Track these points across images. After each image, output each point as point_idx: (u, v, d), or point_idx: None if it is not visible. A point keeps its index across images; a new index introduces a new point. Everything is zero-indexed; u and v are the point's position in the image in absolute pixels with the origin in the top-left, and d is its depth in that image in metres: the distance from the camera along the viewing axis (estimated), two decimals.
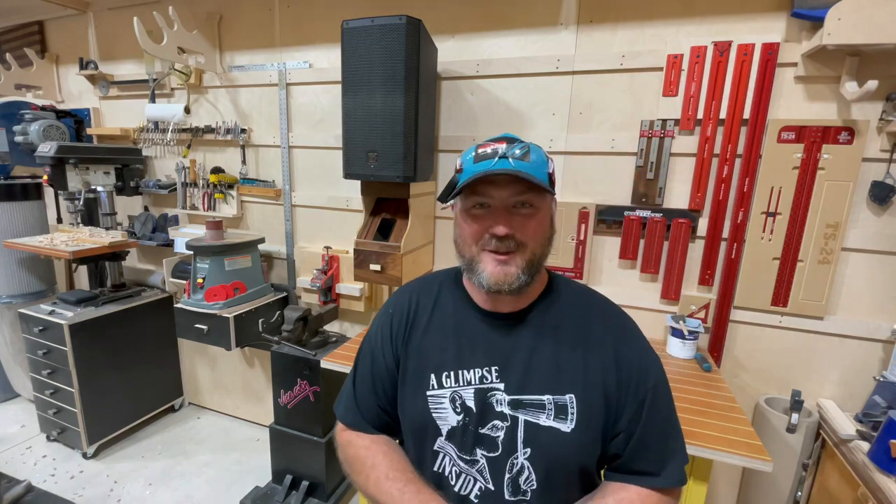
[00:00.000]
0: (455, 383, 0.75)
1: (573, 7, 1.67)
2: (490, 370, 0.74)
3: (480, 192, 0.72)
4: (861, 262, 1.51)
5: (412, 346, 0.80)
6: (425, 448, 0.77)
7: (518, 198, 0.71)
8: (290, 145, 2.22)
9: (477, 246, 0.73)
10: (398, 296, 0.88)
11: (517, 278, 0.71)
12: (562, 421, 0.70)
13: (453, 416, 0.74)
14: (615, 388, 0.71)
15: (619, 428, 0.72)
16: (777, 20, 1.47)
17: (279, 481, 2.07)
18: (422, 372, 0.78)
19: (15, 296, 2.54)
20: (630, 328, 0.78)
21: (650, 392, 0.72)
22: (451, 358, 0.76)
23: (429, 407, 0.76)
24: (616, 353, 0.73)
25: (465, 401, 0.74)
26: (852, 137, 1.43)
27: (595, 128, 1.72)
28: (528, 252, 0.72)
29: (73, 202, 2.33)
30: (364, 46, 1.50)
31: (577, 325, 0.76)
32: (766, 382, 1.67)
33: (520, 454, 0.71)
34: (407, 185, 1.66)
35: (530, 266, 0.72)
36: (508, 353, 0.74)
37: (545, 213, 0.74)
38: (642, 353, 0.75)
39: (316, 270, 2.17)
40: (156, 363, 2.59)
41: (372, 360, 0.84)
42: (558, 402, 0.70)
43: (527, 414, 0.71)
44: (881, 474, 1.19)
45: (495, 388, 0.73)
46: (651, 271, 1.72)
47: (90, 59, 2.59)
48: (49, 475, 2.18)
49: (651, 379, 0.73)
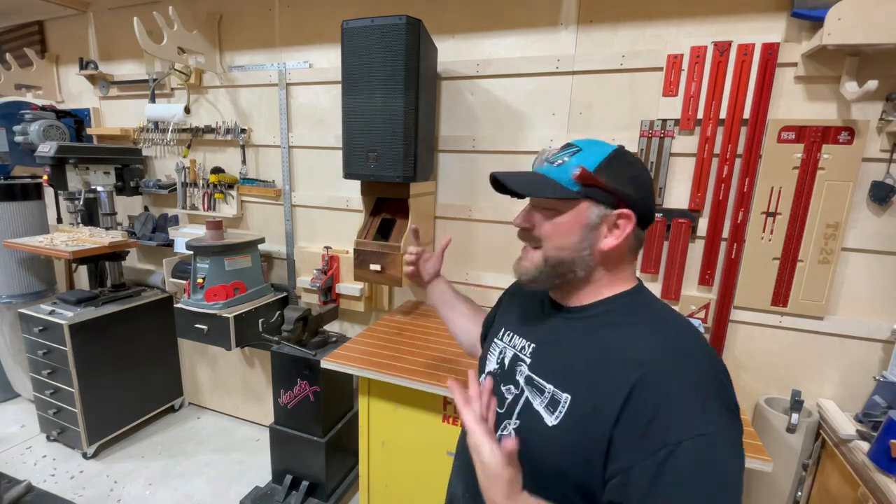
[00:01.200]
0: (507, 342, 0.84)
1: (573, 7, 1.67)
2: (529, 345, 0.80)
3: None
4: (861, 262, 1.51)
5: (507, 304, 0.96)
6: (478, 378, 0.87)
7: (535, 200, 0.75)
8: (290, 145, 2.22)
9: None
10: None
11: (528, 272, 0.74)
12: (549, 413, 0.68)
13: (494, 363, 0.84)
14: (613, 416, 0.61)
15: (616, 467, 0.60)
16: (777, 20, 1.47)
17: (279, 481, 2.07)
18: (499, 323, 0.92)
19: (15, 296, 2.54)
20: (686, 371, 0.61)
21: (670, 447, 0.55)
22: (515, 322, 0.87)
23: (489, 348, 0.88)
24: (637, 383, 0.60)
25: (504, 357, 0.83)
26: (852, 137, 1.43)
27: (595, 128, 1.72)
28: (541, 250, 0.73)
29: (73, 202, 2.33)
30: (364, 46, 1.50)
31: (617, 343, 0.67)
32: (766, 382, 1.67)
33: (512, 421, 0.74)
34: (407, 185, 1.66)
35: (543, 264, 0.72)
36: (545, 337, 0.79)
37: (571, 218, 0.70)
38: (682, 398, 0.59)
39: (316, 270, 2.17)
40: (156, 363, 2.59)
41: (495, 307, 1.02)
42: (555, 396, 0.69)
43: (529, 392, 0.74)
44: (881, 474, 1.19)
45: (524, 360, 0.78)
46: (651, 271, 1.72)
47: (90, 59, 2.59)
48: (49, 475, 2.18)
49: (678, 434, 0.56)
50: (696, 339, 0.67)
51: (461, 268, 2.02)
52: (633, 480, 0.57)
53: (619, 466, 0.59)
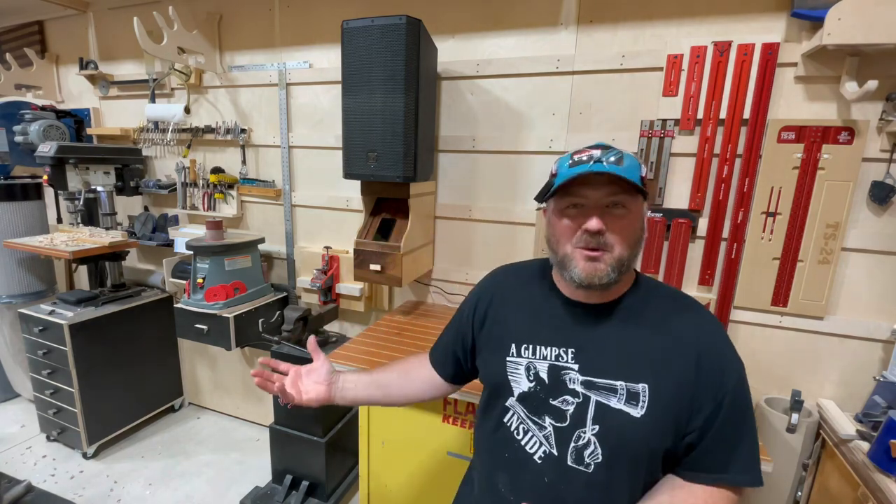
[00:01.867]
0: (532, 356, 0.83)
1: (573, 7, 1.67)
2: (567, 351, 0.80)
3: (575, 192, 0.75)
4: (861, 262, 1.51)
5: (499, 315, 0.91)
6: (497, 402, 0.86)
7: (611, 198, 0.74)
8: (290, 145, 2.22)
9: (570, 244, 0.77)
10: (492, 275, 1.00)
11: (607, 275, 0.75)
12: (633, 406, 0.74)
13: (525, 383, 0.82)
14: (693, 385, 0.74)
15: (694, 425, 0.74)
16: (777, 20, 1.47)
17: (279, 481, 2.07)
18: (504, 339, 0.87)
19: (15, 296, 2.54)
20: (715, 328, 0.79)
21: (729, 394, 0.73)
22: (531, 333, 0.85)
23: (506, 370, 0.85)
24: (697, 350, 0.75)
25: (538, 372, 0.82)
26: (852, 137, 1.43)
27: (595, 128, 1.72)
28: (617, 250, 0.75)
29: (73, 202, 2.33)
30: (364, 46, 1.50)
31: (661, 318, 0.79)
32: (766, 382, 1.67)
33: (588, 429, 0.76)
34: (407, 185, 1.66)
35: (620, 264, 0.75)
36: (586, 339, 0.80)
37: (636, 214, 0.77)
38: (725, 353, 0.77)
39: (316, 270, 2.17)
40: (156, 363, 2.60)
41: (459, 321, 1.00)
42: (631, 389, 0.75)
43: (598, 395, 0.76)
44: (881, 474, 1.19)
45: (569, 368, 0.79)
46: (651, 271, 1.72)
47: (90, 59, 2.59)
48: (49, 475, 2.18)
49: (731, 381, 0.74)
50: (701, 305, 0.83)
51: (461, 268, 2.02)
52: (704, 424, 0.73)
53: (697, 423, 0.74)
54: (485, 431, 0.90)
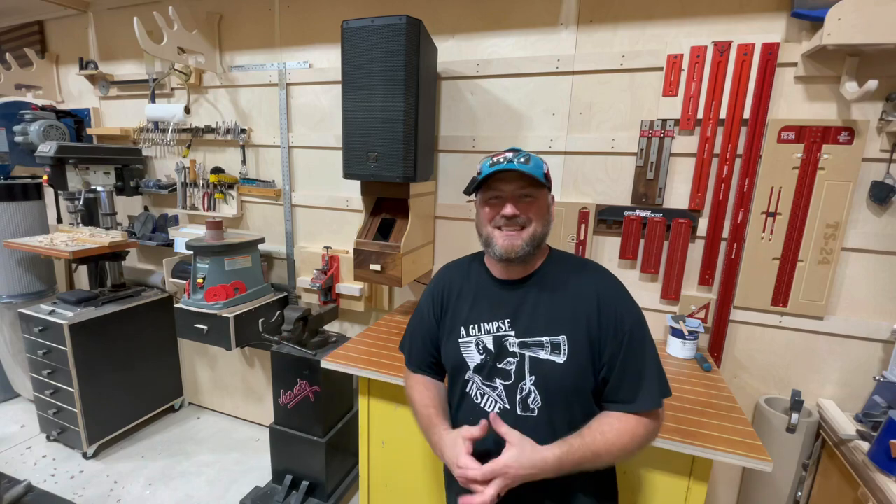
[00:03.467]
0: (479, 333, 1.00)
1: (573, 7, 1.67)
2: (504, 322, 0.97)
3: (494, 187, 0.95)
4: (861, 262, 1.51)
5: (449, 308, 1.07)
6: (459, 378, 1.02)
7: (522, 190, 0.94)
8: (290, 145, 2.22)
9: (491, 226, 0.96)
10: (440, 274, 1.15)
11: (522, 248, 0.93)
12: (556, 354, 0.92)
13: (477, 356, 0.99)
14: (597, 329, 0.92)
15: (603, 362, 0.92)
16: (777, 20, 1.47)
17: (279, 481, 2.07)
18: (455, 326, 1.03)
19: (15, 296, 2.54)
20: (612, 283, 0.98)
21: (627, 334, 0.91)
22: (475, 315, 1.01)
23: (460, 350, 1.01)
24: (598, 302, 0.93)
25: (486, 344, 0.98)
26: (852, 137, 1.43)
27: (595, 128, 1.72)
28: (530, 228, 0.94)
29: (73, 202, 2.33)
30: (364, 46, 1.50)
31: (569, 282, 0.97)
32: (766, 382, 1.67)
33: (527, 381, 0.93)
34: (407, 185, 1.66)
35: (532, 239, 0.94)
36: (517, 308, 0.98)
37: (543, 201, 0.97)
38: (621, 301, 0.95)
39: (316, 270, 2.17)
40: (156, 363, 2.59)
41: (421, 323, 1.13)
42: (553, 342, 0.93)
43: (530, 351, 0.94)
44: (881, 474, 1.19)
45: (508, 335, 0.96)
46: (651, 271, 1.72)
47: (90, 59, 2.59)
48: (49, 475, 2.18)
49: (628, 322, 0.92)
50: (600, 265, 1.03)
51: None
52: (610, 361, 0.91)
53: (605, 360, 0.92)
54: (452, 407, 1.06)
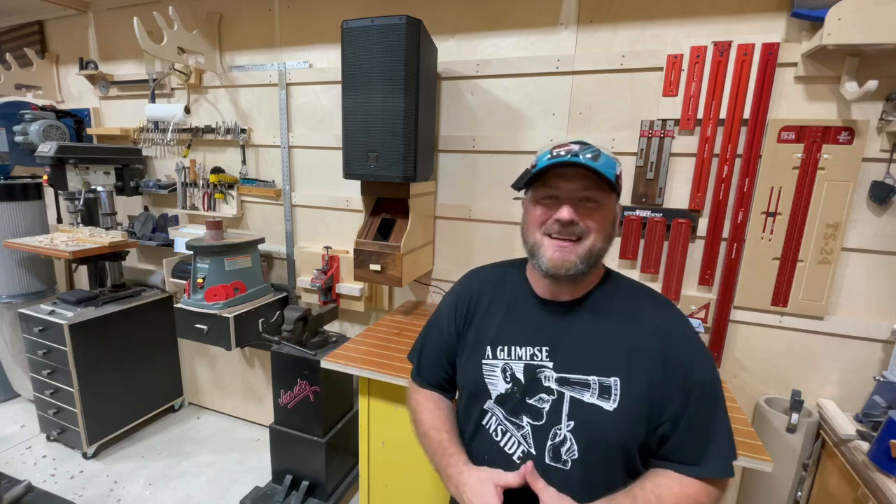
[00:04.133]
0: (507, 356, 0.83)
1: (573, 7, 1.67)
2: (541, 349, 0.81)
3: (550, 184, 0.78)
4: (861, 262, 1.51)
5: (475, 320, 0.91)
6: (475, 405, 0.86)
7: (585, 192, 0.77)
8: (290, 145, 2.22)
9: (540, 231, 0.80)
10: (466, 279, 1.00)
11: (575, 265, 0.77)
12: (605, 400, 0.75)
13: (502, 384, 0.83)
14: (661, 376, 0.75)
15: (665, 416, 0.75)
16: (777, 20, 1.47)
17: (279, 481, 2.07)
18: (480, 343, 0.87)
19: (15, 296, 2.54)
20: (682, 321, 0.82)
21: (697, 385, 0.75)
22: (505, 335, 0.85)
23: (482, 373, 0.85)
24: (665, 342, 0.77)
25: (514, 372, 0.82)
26: (852, 137, 1.43)
27: (595, 128, 1.72)
28: (588, 241, 0.77)
29: (73, 202, 2.33)
30: (364, 46, 1.50)
31: (628, 314, 0.81)
32: (766, 382, 1.67)
33: (563, 425, 0.77)
34: (407, 185, 1.66)
35: (589, 256, 0.77)
36: (559, 336, 0.81)
37: (608, 210, 0.79)
38: (692, 345, 0.79)
39: (316, 270, 2.17)
40: (156, 363, 2.59)
41: (439, 332, 0.97)
42: (603, 383, 0.76)
43: (572, 390, 0.77)
44: (881, 474, 1.19)
45: (544, 366, 0.80)
46: (651, 271, 1.72)
47: (90, 59, 2.59)
48: (49, 475, 2.18)
49: (698, 373, 0.76)
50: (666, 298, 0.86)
51: (461, 268, 2.02)
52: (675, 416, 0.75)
53: (668, 414, 0.75)
54: (464, 436, 0.90)
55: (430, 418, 0.92)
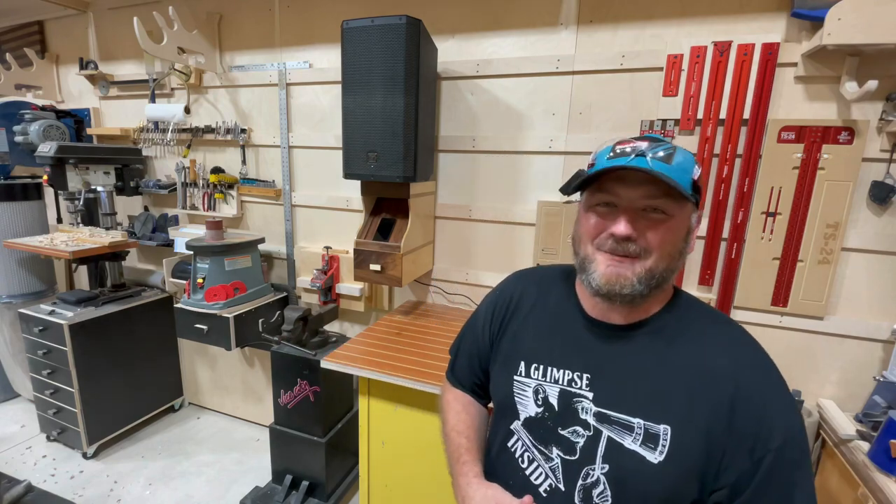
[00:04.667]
0: (542, 377, 0.74)
1: (573, 7, 1.67)
2: (581, 376, 0.71)
3: (608, 189, 0.66)
4: (861, 262, 1.51)
5: (510, 329, 0.82)
6: (503, 423, 0.79)
7: (649, 201, 0.64)
8: (290, 145, 2.22)
9: (592, 245, 0.69)
10: (508, 282, 0.91)
11: (631, 285, 0.65)
12: (650, 450, 0.64)
13: (533, 407, 0.74)
14: (724, 433, 0.62)
15: (724, 482, 0.62)
16: (777, 20, 1.47)
17: (279, 481, 2.07)
18: (514, 356, 0.79)
19: (15, 296, 2.54)
20: (763, 363, 0.67)
21: (773, 453, 0.60)
22: (543, 352, 0.76)
23: (513, 390, 0.77)
24: (734, 390, 0.63)
25: (548, 396, 0.73)
26: (852, 137, 1.43)
27: (595, 128, 1.72)
28: (649, 260, 0.65)
29: (73, 202, 2.33)
30: (364, 46, 1.50)
31: (695, 351, 0.67)
32: None
33: (597, 467, 0.67)
34: (407, 185, 1.66)
35: (650, 277, 0.65)
36: (605, 364, 0.70)
37: (680, 223, 0.66)
38: (770, 399, 0.63)
39: (316, 270, 2.17)
40: (156, 363, 2.59)
41: (473, 335, 0.91)
42: (649, 430, 0.64)
43: (611, 430, 0.67)
44: (881, 474, 1.19)
45: (582, 395, 0.70)
46: None
47: (90, 59, 2.59)
48: (49, 475, 2.18)
49: (777, 438, 0.60)
50: (748, 334, 0.72)
51: (461, 268, 2.02)
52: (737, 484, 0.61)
53: (727, 479, 0.61)
54: (490, 451, 0.83)
55: (455, 420, 0.87)
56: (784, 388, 0.65)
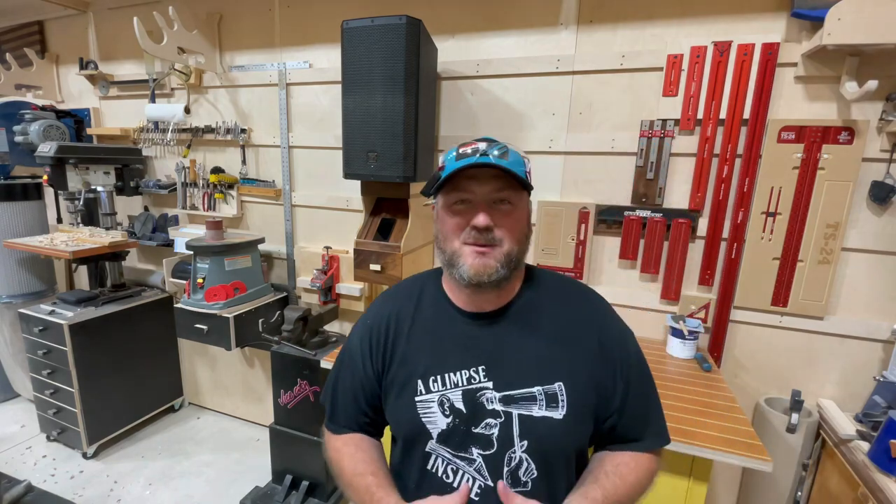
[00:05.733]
0: (442, 387, 0.75)
1: (573, 7, 1.67)
2: (477, 370, 0.75)
3: (462, 187, 0.74)
4: (861, 262, 1.51)
5: (397, 355, 0.80)
6: (415, 450, 0.77)
7: (498, 194, 0.73)
8: (290, 145, 2.22)
9: (459, 240, 0.75)
10: (377, 306, 0.88)
11: (496, 271, 0.72)
12: (553, 409, 0.72)
13: (442, 420, 0.74)
14: (602, 369, 0.75)
15: (613, 406, 0.75)
16: (777, 20, 1.47)
17: (279, 481, 2.07)
18: (409, 379, 0.78)
19: (15, 296, 2.54)
20: (607, 310, 0.82)
21: (633, 367, 0.77)
22: (435, 362, 0.77)
23: (418, 412, 0.76)
24: (598, 335, 0.77)
25: (453, 403, 0.74)
26: (852, 137, 1.43)
27: (595, 128, 1.72)
28: (506, 246, 0.73)
29: (73, 202, 2.33)
30: (364, 46, 1.50)
31: (558, 314, 0.78)
32: (766, 382, 1.67)
33: (517, 448, 0.72)
34: (407, 185, 1.66)
35: (509, 260, 0.74)
36: (493, 350, 0.76)
37: (523, 210, 0.78)
38: (620, 331, 0.80)
39: (316, 270, 2.17)
40: (156, 363, 2.59)
41: (352, 371, 0.85)
42: (548, 392, 0.72)
43: (519, 408, 0.72)
44: (881, 474, 1.19)
45: (484, 388, 0.74)
46: (651, 271, 1.72)
47: (90, 59, 2.59)
48: (49, 475, 2.18)
49: (631, 354, 0.78)
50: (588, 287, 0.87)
51: None
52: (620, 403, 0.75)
53: (616, 404, 0.75)
54: (407, 483, 0.79)
55: (352, 464, 0.80)
56: (620, 319, 0.82)
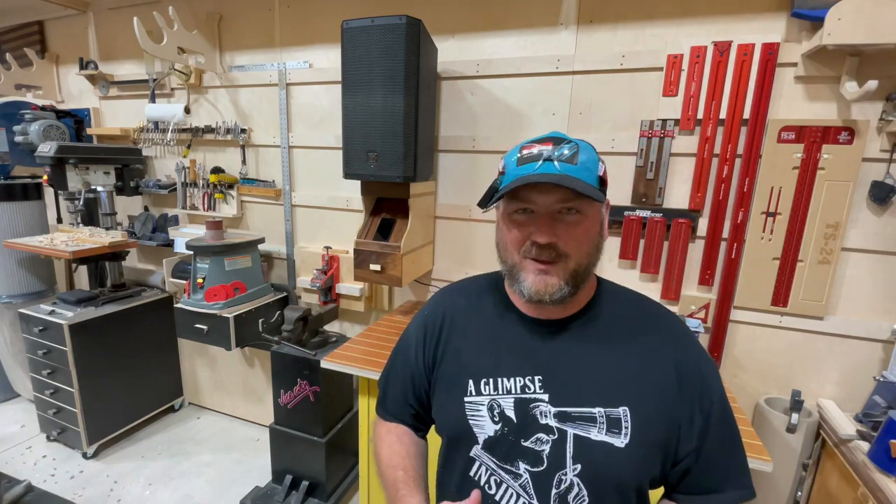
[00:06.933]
0: (494, 391, 0.71)
1: (573, 7, 1.67)
2: (533, 379, 0.70)
3: (523, 197, 0.67)
4: (861, 262, 1.51)
5: (450, 349, 0.78)
6: (459, 453, 0.74)
7: (563, 204, 0.66)
8: (290, 145, 2.22)
9: (519, 253, 0.70)
10: (437, 298, 0.87)
11: (559, 289, 0.67)
12: (615, 435, 0.65)
13: (490, 426, 0.70)
14: (677, 401, 0.66)
15: (689, 447, 0.67)
16: (777, 20, 1.47)
17: (279, 481, 2.07)
18: (459, 377, 0.75)
19: (15, 296, 2.54)
20: (688, 336, 0.73)
21: (714, 404, 0.67)
22: (489, 364, 0.73)
23: (465, 413, 0.72)
24: (676, 362, 0.68)
25: (503, 410, 0.70)
26: (852, 137, 1.43)
27: (595, 128, 1.72)
28: (572, 262, 0.67)
29: (73, 202, 2.33)
30: (364, 46, 1.50)
31: (629, 332, 0.71)
32: (766, 382, 1.67)
33: (569, 470, 0.66)
34: (407, 185, 1.66)
35: (574, 276, 0.68)
36: (553, 361, 0.70)
37: (593, 219, 0.69)
38: (703, 363, 0.70)
39: (316, 270, 2.17)
40: (156, 363, 2.59)
41: (405, 363, 0.84)
42: (611, 415, 0.65)
43: (576, 427, 0.66)
44: (881, 474, 1.19)
45: (538, 399, 0.68)
46: (651, 271, 1.72)
47: (90, 59, 2.59)
48: (49, 475, 2.18)
49: (714, 391, 0.68)
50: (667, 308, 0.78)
51: (461, 268, 2.02)
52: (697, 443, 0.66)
53: (692, 444, 0.66)
54: (448, 489, 0.76)
55: (389, 454, 0.80)
56: (703, 349, 0.73)
